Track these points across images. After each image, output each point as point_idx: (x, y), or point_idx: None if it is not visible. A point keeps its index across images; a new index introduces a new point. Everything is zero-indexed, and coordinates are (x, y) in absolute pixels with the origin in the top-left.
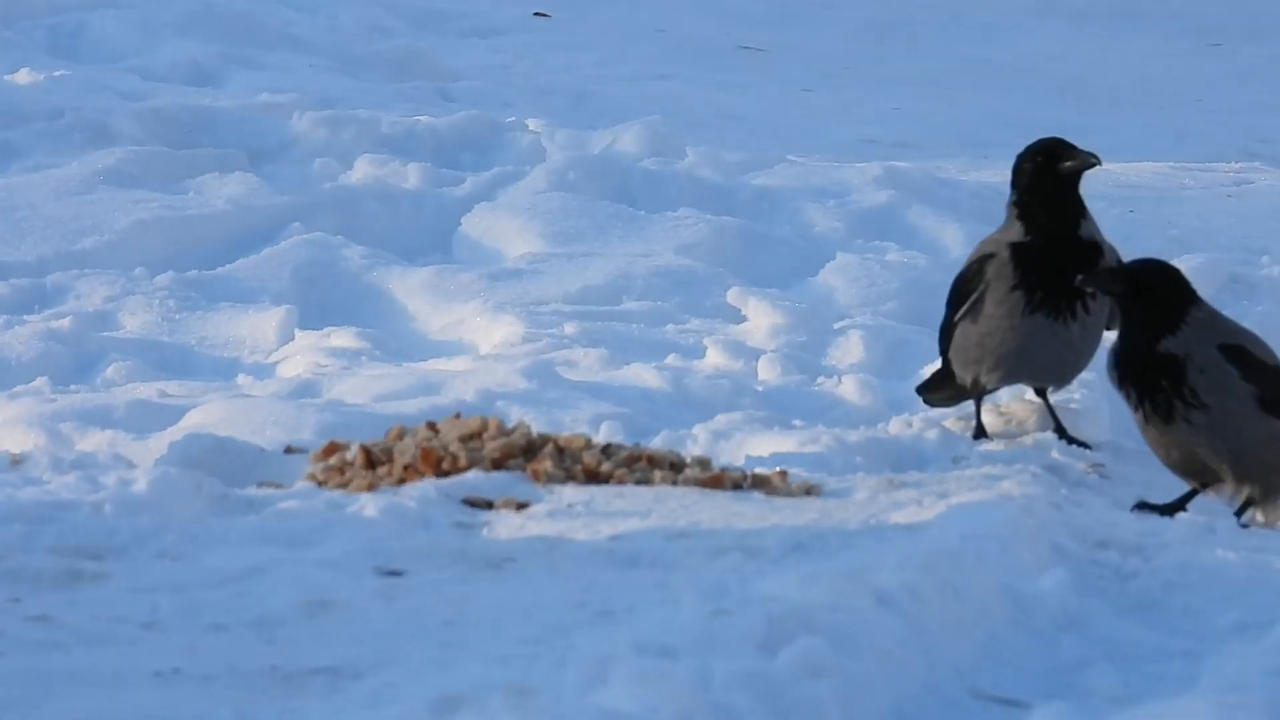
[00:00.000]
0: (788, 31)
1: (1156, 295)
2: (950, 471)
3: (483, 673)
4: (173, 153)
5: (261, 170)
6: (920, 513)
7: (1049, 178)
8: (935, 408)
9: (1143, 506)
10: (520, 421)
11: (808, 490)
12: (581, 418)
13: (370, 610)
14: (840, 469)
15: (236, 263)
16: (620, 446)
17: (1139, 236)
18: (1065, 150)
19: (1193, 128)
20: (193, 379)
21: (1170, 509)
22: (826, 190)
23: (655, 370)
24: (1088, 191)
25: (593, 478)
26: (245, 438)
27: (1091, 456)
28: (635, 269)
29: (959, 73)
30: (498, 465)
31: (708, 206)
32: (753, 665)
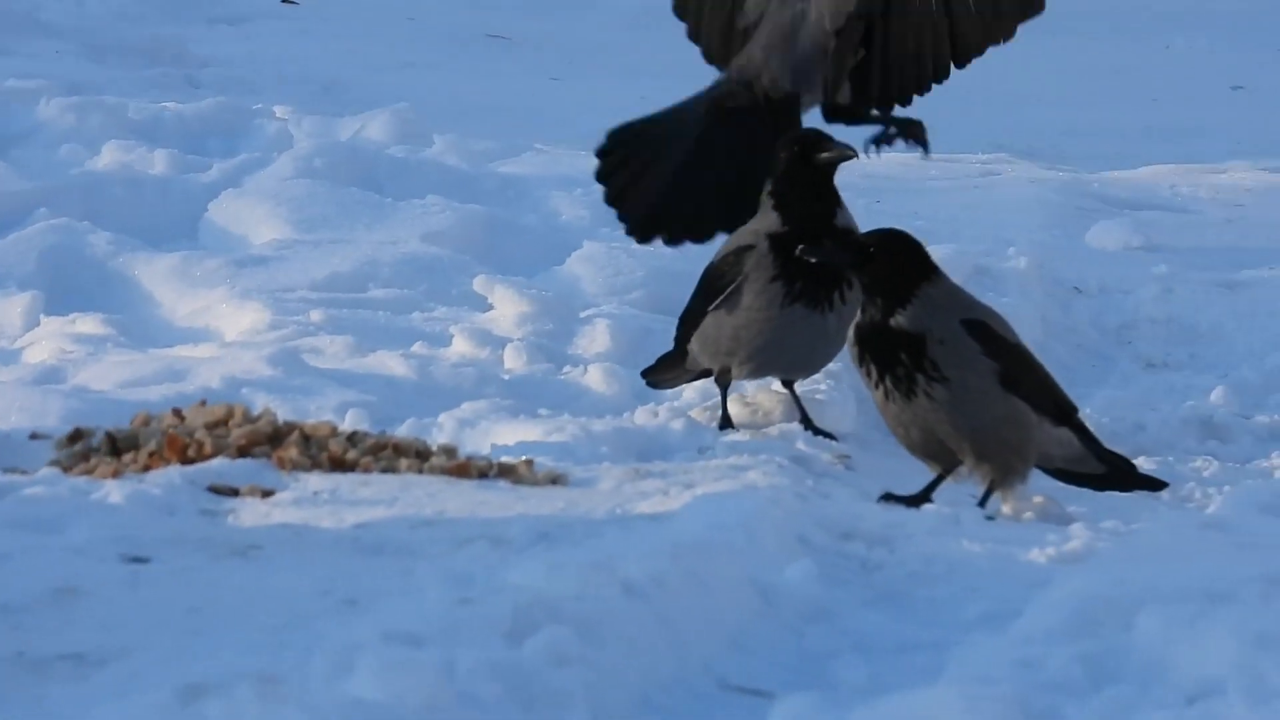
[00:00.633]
0: (538, 21)
1: (886, 266)
2: (696, 462)
3: (230, 661)
4: None
5: (8, 156)
6: (666, 503)
7: (805, 168)
8: (661, 389)
9: (888, 498)
10: (266, 409)
11: (553, 479)
12: (327, 405)
13: (116, 597)
14: (586, 458)
15: None
16: (366, 434)
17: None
18: (822, 142)
19: (939, 118)
20: None
21: (916, 500)
22: (573, 179)
23: (401, 358)
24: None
25: (338, 466)
26: None
27: (837, 448)
28: (382, 256)
29: (706, 64)
30: (243, 452)
31: (454, 194)
32: (499, 655)
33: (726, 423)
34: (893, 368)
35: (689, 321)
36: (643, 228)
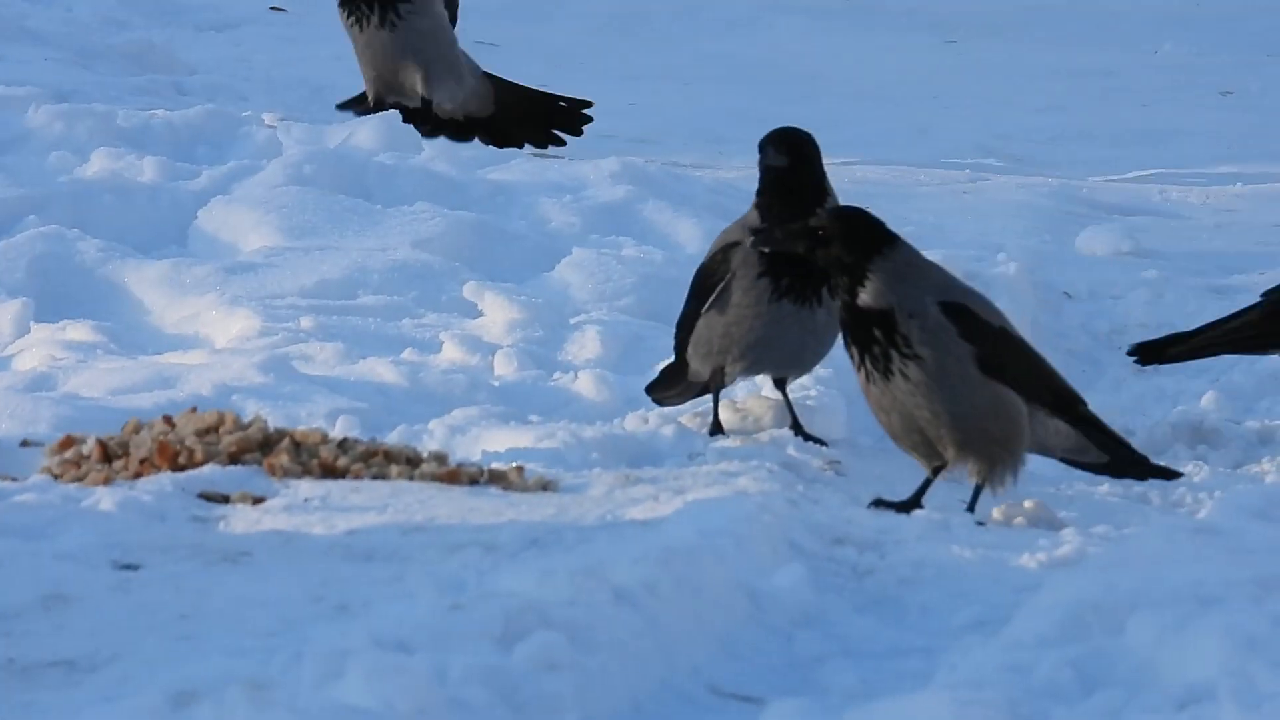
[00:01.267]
0: (524, 26)
1: (838, 245)
2: (687, 468)
3: (220, 666)
4: None
5: None
6: (657, 509)
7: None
8: (665, 406)
9: (879, 504)
10: (256, 416)
11: (544, 486)
12: (318, 412)
13: (107, 603)
14: (577, 464)
15: None
16: (356, 441)
17: None
18: (769, 144)
19: (930, 124)
20: None
21: (907, 505)
22: (562, 185)
23: (391, 365)
24: None
25: (329, 472)
26: None
27: (828, 453)
28: (371, 263)
29: (697, 67)
30: (234, 459)
31: (444, 201)
32: (489, 660)
33: (717, 429)
34: (869, 346)
35: (685, 326)
36: None
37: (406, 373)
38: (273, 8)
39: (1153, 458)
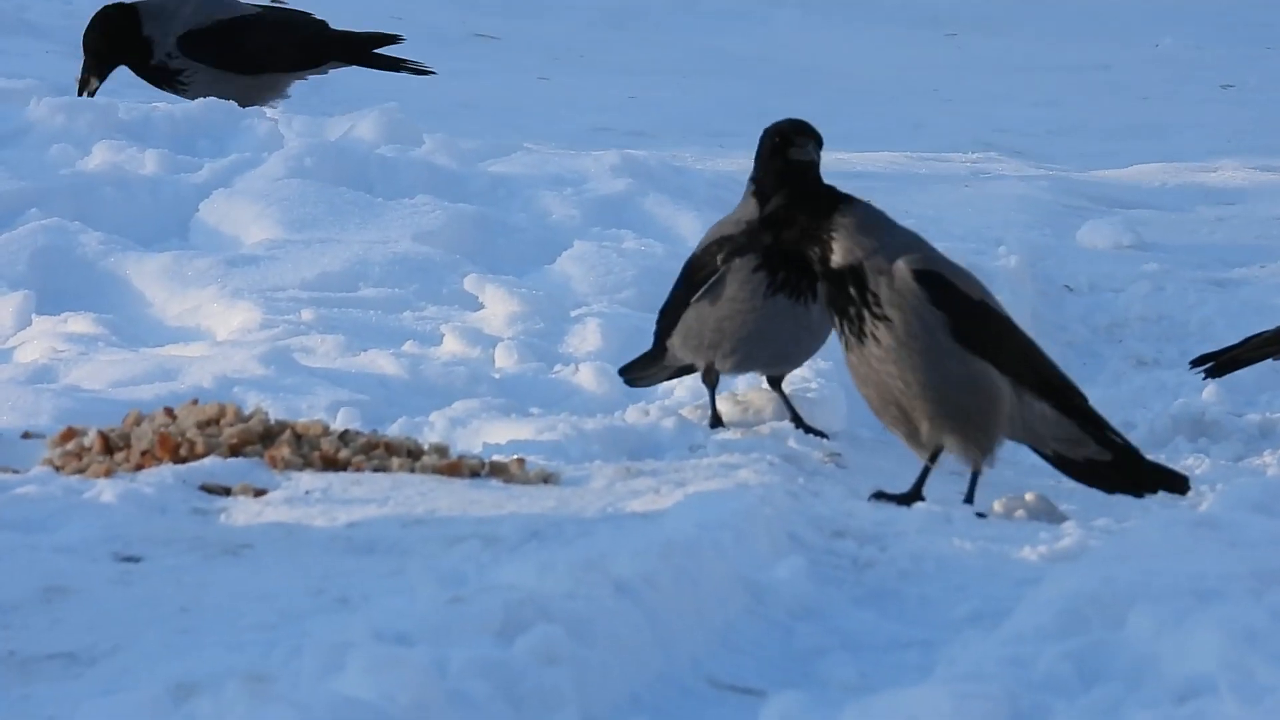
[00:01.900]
0: (523, 19)
1: (794, 218)
2: (687, 460)
3: (220, 659)
4: None
5: None
6: (657, 501)
7: (783, 160)
8: (637, 386)
9: (880, 496)
10: (258, 408)
11: (545, 478)
12: (319, 404)
13: (107, 596)
14: (577, 457)
15: None
16: (358, 433)
17: None
18: (799, 136)
19: (929, 117)
20: None
21: (907, 498)
22: (563, 178)
23: (392, 357)
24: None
25: (330, 465)
26: None
27: (828, 446)
28: (372, 256)
29: (695, 61)
30: (235, 451)
31: (444, 194)
32: (490, 653)
33: (717, 421)
34: (845, 310)
35: (669, 315)
36: None
37: (407, 365)
38: (274, 2)
39: (1154, 451)
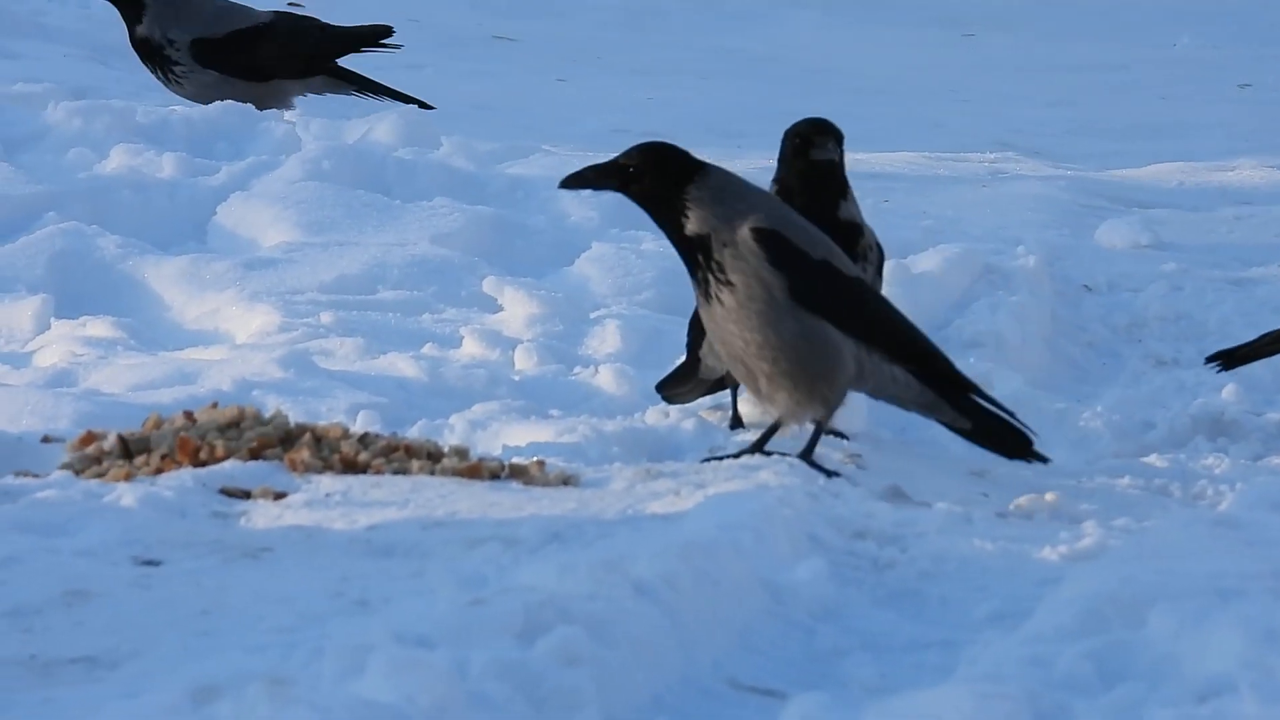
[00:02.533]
0: (540, 21)
1: (651, 179)
2: (707, 461)
3: (240, 662)
4: None
5: (15, 160)
6: (677, 503)
7: (806, 160)
8: (675, 404)
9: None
10: (277, 411)
11: (565, 480)
12: (338, 407)
13: (128, 600)
14: (597, 459)
15: None
16: (377, 436)
17: (893, 226)
18: (820, 136)
19: (946, 118)
20: None
21: (749, 451)
22: None
23: (412, 360)
24: None
25: (350, 467)
26: (1, 427)
27: (848, 447)
28: (391, 258)
29: (712, 62)
30: (255, 455)
31: (462, 196)
32: (510, 655)
33: (737, 422)
34: (694, 273)
35: (698, 324)
36: None
37: (427, 368)
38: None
39: (1174, 450)
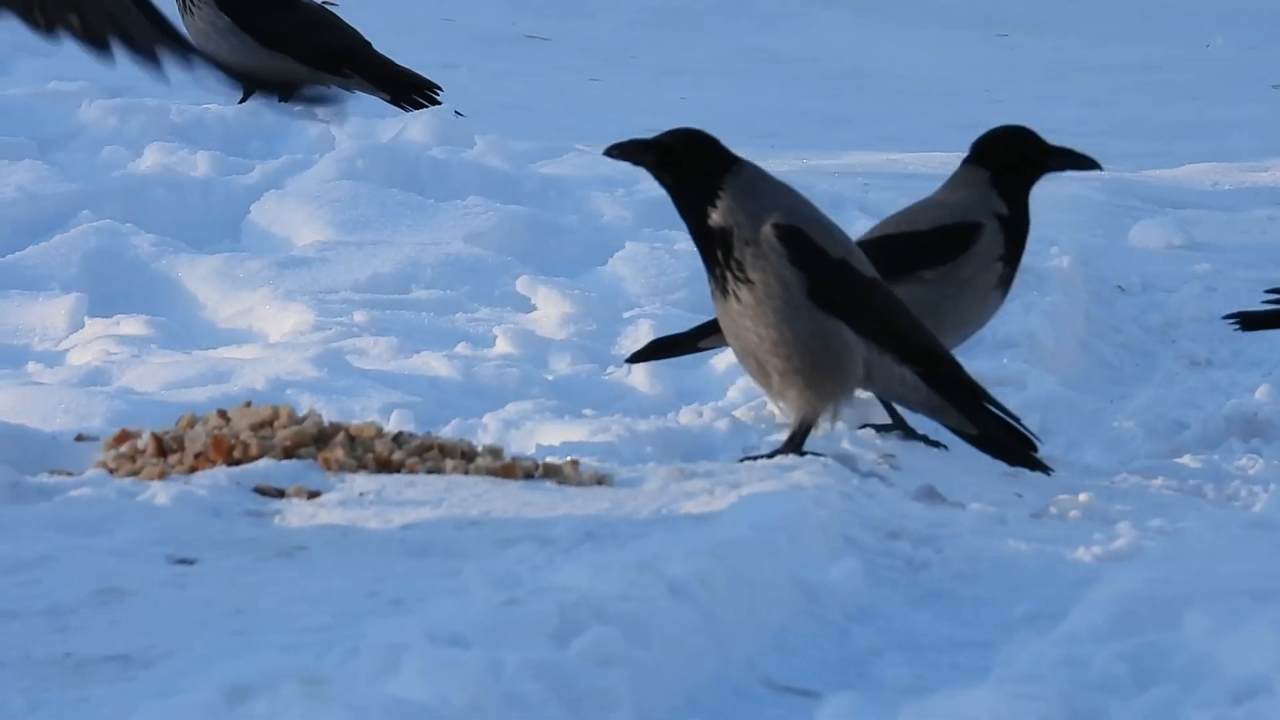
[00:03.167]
0: (572, 20)
1: (687, 166)
2: (741, 461)
3: (274, 661)
4: None
5: (50, 158)
6: (711, 503)
7: (1033, 165)
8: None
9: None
10: (311, 410)
11: (599, 480)
12: (372, 406)
13: (162, 598)
14: (631, 458)
15: (25, 250)
16: (411, 435)
17: None
18: (1042, 141)
19: (979, 118)
20: None
21: (786, 450)
22: (614, 179)
23: (445, 359)
24: (869, 182)
25: (384, 466)
26: (36, 425)
27: (882, 447)
28: (424, 257)
29: (744, 62)
30: (289, 454)
31: (496, 195)
32: (544, 655)
33: (900, 425)
34: (712, 266)
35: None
36: None
37: (460, 367)
38: (325, 2)
39: (1207, 451)
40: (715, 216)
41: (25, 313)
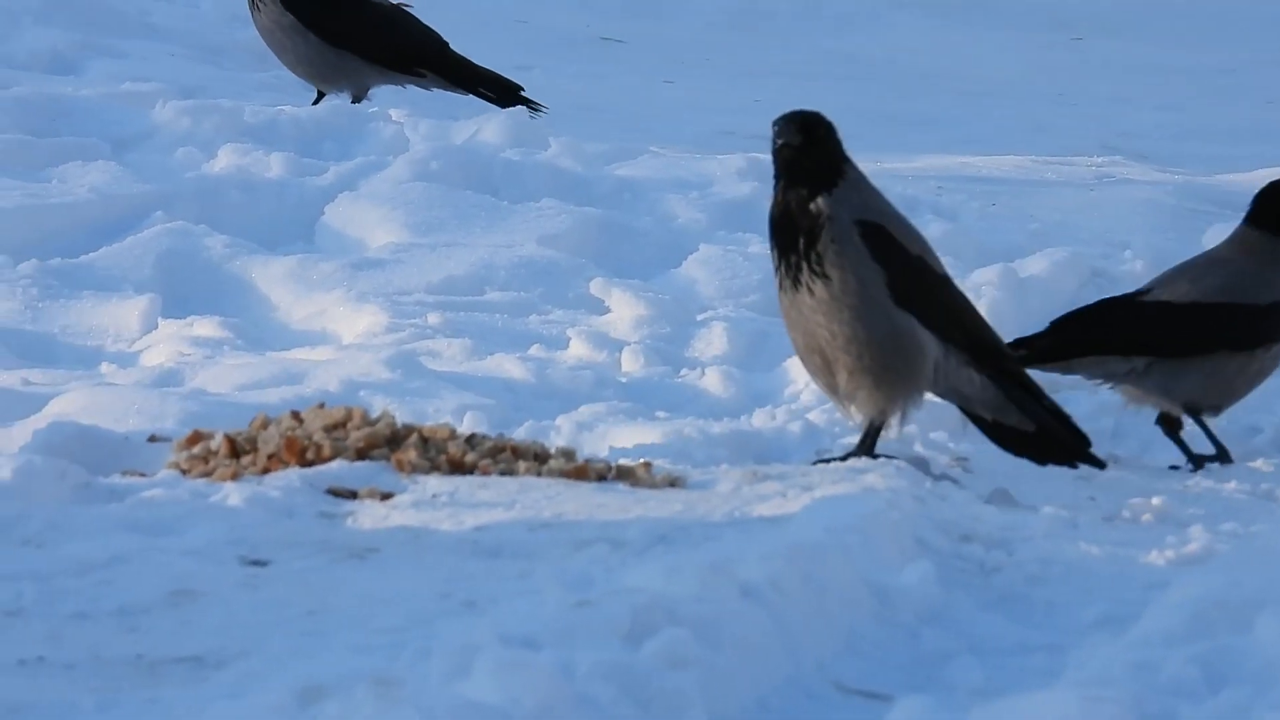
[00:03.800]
0: (647, 22)
1: (822, 148)
2: (814, 464)
3: (347, 663)
4: (35, 141)
5: (124, 159)
6: (784, 505)
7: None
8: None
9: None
10: (384, 411)
11: (672, 482)
12: (445, 408)
13: (234, 599)
14: (704, 461)
15: (99, 251)
16: (484, 437)
17: (999, 230)
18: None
19: (1053, 121)
20: (55, 367)
21: (859, 452)
22: (688, 182)
23: (519, 361)
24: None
25: (457, 468)
26: (109, 426)
27: (955, 450)
28: (498, 259)
29: (818, 64)
30: (362, 455)
31: (570, 197)
32: (616, 656)
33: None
34: (788, 254)
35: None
36: None
37: (534, 369)
38: (399, 4)
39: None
40: (819, 204)
41: (99, 314)
